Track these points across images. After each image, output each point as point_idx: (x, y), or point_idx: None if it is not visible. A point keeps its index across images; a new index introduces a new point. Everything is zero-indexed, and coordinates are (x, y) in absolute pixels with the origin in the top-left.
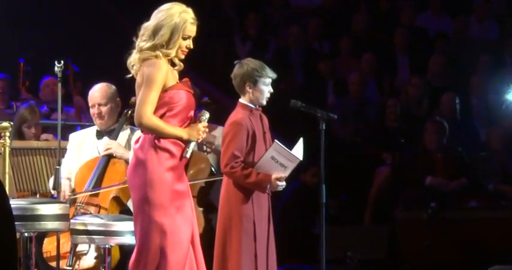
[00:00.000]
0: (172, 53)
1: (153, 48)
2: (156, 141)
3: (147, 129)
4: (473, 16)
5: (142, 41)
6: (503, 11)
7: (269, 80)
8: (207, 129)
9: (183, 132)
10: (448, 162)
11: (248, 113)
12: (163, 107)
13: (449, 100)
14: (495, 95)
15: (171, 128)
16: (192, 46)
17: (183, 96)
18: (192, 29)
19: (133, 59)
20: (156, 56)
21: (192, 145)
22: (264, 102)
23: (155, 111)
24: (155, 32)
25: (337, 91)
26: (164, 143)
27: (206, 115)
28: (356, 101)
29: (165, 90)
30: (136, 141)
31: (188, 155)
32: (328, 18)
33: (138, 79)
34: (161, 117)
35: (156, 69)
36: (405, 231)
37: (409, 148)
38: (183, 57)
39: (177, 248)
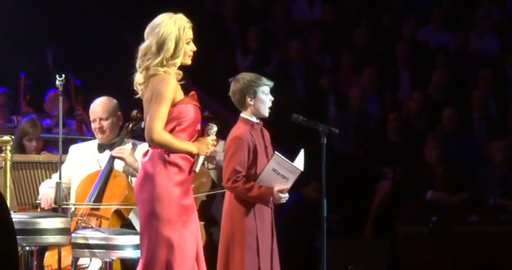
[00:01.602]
0: (179, 61)
1: (161, 63)
2: (165, 155)
3: (157, 145)
4: (474, 30)
5: (146, 60)
6: (504, 25)
7: (267, 89)
8: (216, 143)
9: (192, 147)
10: (449, 177)
11: (249, 128)
12: (172, 121)
13: (450, 114)
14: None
15: (181, 143)
16: (195, 48)
17: (191, 110)
18: (191, 32)
19: (139, 78)
20: (165, 72)
21: (201, 159)
22: (267, 113)
23: (164, 126)
24: (160, 47)
25: (338, 105)
26: (174, 157)
27: (214, 128)
28: (357, 115)
29: (173, 104)
30: (145, 154)
31: (198, 169)
32: (330, 32)
33: (147, 95)
34: (170, 131)
35: (165, 84)
36: (406, 245)
37: (410, 162)
38: (190, 62)
39: (184, 262)
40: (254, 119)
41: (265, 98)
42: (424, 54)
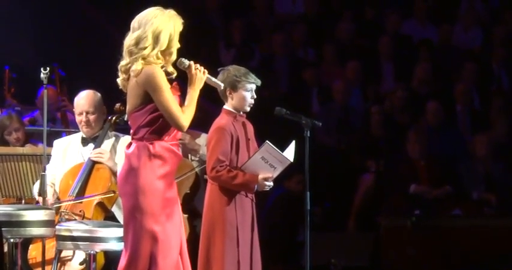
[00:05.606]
0: (174, 56)
1: (157, 55)
2: (150, 147)
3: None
4: (458, 24)
5: (142, 49)
6: (487, 19)
7: (251, 86)
8: (198, 66)
9: (195, 94)
10: (432, 170)
11: (232, 119)
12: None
13: (433, 108)
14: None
15: (191, 102)
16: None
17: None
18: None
19: (138, 65)
20: (157, 64)
21: (209, 78)
22: (247, 109)
23: (151, 121)
24: (156, 39)
25: (321, 99)
26: (158, 149)
27: (186, 62)
28: (340, 108)
29: None
30: (128, 146)
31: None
32: (313, 25)
33: (138, 90)
34: (156, 123)
35: (157, 75)
36: (389, 239)
37: (394, 156)
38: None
39: (168, 254)
40: (236, 111)
41: (246, 94)
42: (408, 47)
